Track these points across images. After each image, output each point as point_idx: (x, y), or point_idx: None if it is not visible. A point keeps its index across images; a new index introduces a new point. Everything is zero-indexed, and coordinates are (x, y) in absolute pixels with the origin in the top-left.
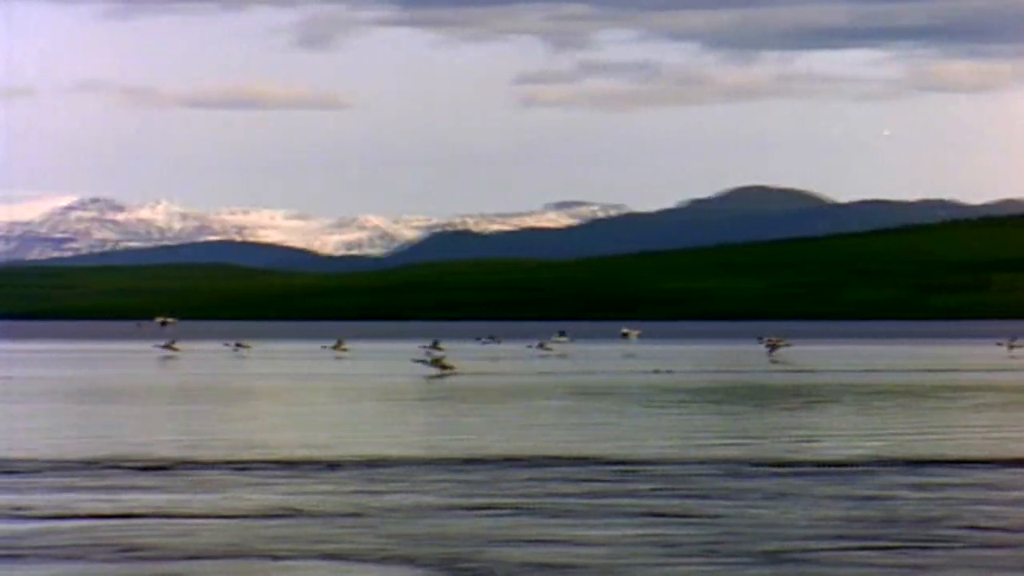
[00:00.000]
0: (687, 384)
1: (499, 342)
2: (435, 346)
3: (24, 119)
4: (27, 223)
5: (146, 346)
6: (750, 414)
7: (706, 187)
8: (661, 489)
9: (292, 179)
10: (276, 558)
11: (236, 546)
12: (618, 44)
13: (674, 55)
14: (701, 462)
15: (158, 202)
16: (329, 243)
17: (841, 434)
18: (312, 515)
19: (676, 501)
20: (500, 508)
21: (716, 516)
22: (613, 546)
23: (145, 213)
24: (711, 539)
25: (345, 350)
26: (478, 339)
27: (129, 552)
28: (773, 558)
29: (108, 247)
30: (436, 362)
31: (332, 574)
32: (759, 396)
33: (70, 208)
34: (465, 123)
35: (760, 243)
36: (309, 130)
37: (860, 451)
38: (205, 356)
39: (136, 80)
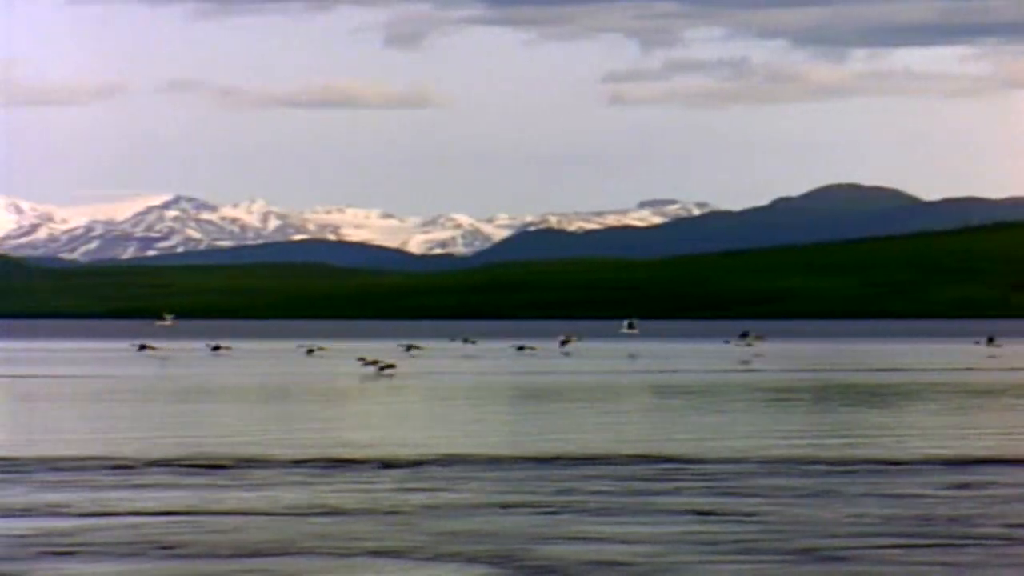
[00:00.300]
0: (750, 383)
1: (474, 343)
2: (410, 347)
3: (116, 119)
4: (119, 222)
5: (190, 345)
6: (811, 412)
7: (794, 185)
8: (705, 487)
9: (381, 178)
10: (327, 555)
11: (282, 543)
12: (706, 42)
13: (763, 53)
14: (749, 460)
15: (249, 201)
16: (417, 242)
17: (899, 433)
18: (361, 512)
19: (718, 499)
20: (547, 506)
21: (755, 514)
22: (656, 543)
23: (236, 212)
24: (749, 537)
25: (324, 349)
26: (452, 340)
27: (175, 549)
28: (810, 556)
29: (199, 246)
30: (374, 362)
31: (386, 572)
32: (823, 395)
33: (161, 207)
34: (553, 122)
35: (848, 241)
36: (398, 129)
37: (913, 450)
38: (195, 356)
39: (227, 80)
